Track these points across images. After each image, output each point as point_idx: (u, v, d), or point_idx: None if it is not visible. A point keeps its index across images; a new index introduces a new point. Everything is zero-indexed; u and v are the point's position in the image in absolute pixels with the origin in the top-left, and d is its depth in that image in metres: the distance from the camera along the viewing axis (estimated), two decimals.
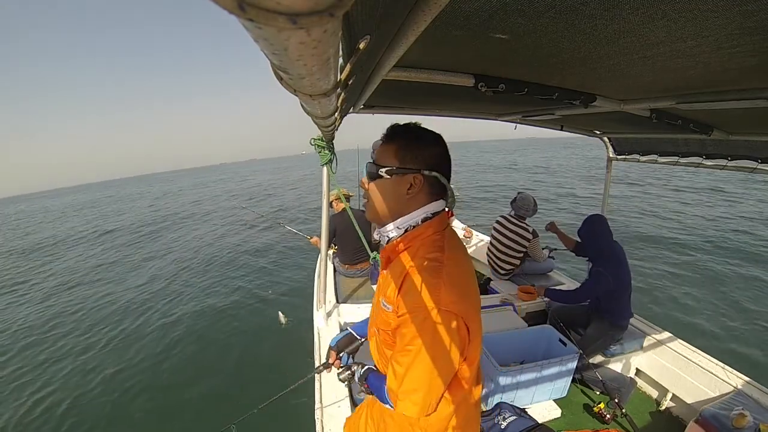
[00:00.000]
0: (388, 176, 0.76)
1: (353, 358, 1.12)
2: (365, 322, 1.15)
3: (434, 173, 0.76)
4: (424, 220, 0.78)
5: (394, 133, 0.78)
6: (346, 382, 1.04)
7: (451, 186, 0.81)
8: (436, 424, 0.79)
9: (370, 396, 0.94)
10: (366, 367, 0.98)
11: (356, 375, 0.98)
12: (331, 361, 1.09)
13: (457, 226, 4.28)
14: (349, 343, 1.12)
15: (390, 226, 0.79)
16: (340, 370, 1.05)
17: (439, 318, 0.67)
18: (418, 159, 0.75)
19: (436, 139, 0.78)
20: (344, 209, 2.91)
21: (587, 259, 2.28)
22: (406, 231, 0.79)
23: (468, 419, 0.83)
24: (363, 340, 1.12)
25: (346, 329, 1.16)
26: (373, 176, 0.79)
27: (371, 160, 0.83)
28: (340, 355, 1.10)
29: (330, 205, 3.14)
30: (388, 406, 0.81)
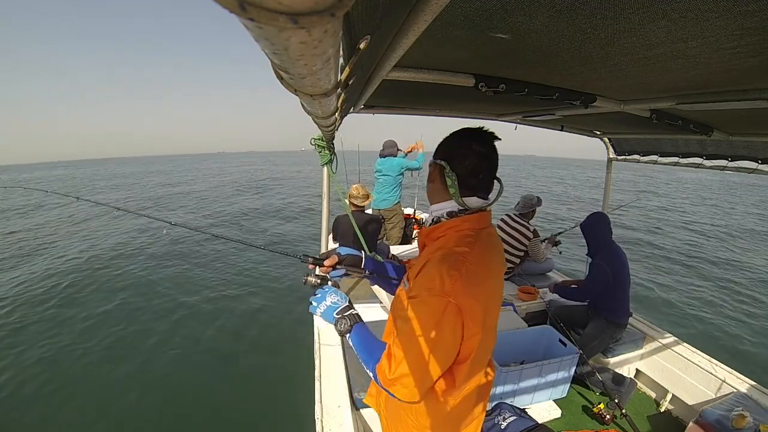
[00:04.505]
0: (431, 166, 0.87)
1: (340, 278, 1.03)
2: (382, 264, 1.09)
3: (440, 162, 0.80)
4: (451, 214, 0.81)
5: None
6: (309, 287, 0.94)
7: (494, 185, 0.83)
8: (428, 413, 0.80)
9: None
10: (356, 312, 0.91)
11: (341, 303, 0.91)
12: (327, 263, 0.99)
13: None
14: (353, 263, 1.02)
15: (430, 209, 0.86)
16: (318, 275, 0.96)
17: (447, 309, 0.68)
18: (439, 151, 0.83)
19: (456, 133, 0.82)
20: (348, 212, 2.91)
21: (587, 254, 2.31)
22: (434, 221, 0.83)
23: (465, 412, 0.84)
24: (366, 272, 1.03)
25: (361, 253, 1.06)
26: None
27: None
28: (338, 267, 1.00)
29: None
30: (369, 371, 0.79)
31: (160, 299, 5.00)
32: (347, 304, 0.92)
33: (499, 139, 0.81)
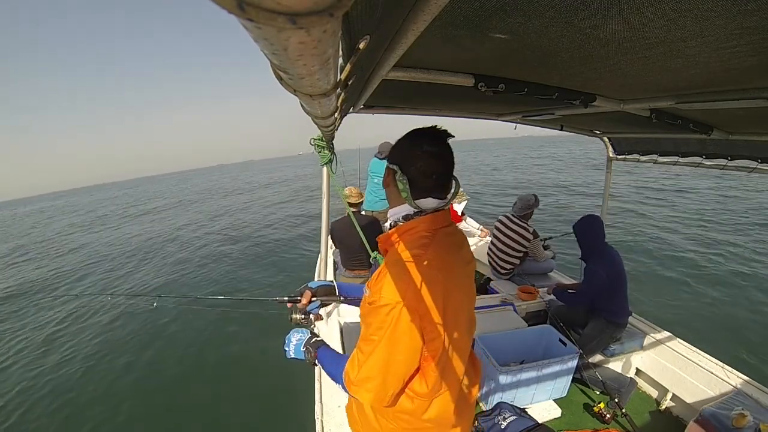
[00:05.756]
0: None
1: (320, 309, 1.10)
2: (354, 286, 1.15)
3: (392, 166, 0.79)
4: (407, 218, 0.80)
5: None
6: (295, 324, 1.03)
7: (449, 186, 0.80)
8: (405, 418, 0.79)
9: None
10: (319, 338, 0.98)
11: (304, 338, 0.98)
12: (303, 300, 1.06)
13: (474, 225, 4.27)
14: (327, 293, 1.10)
15: (388, 214, 0.85)
16: (300, 311, 1.04)
17: (401, 313, 0.68)
18: (391, 155, 0.82)
19: (408, 134, 0.81)
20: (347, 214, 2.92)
21: (580, 257, 2.31)
22: (391, 226, 0.83)
23: (446, 417, 0.83)
24: (341, 298, 1.11)
25: (332, 281, 1.14)
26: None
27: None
28: (313, 299, 1.07)
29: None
30: (338, 385, 0.81)
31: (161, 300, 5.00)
32: (309, 335, 0.99)
33: (453, 136, 0.79)
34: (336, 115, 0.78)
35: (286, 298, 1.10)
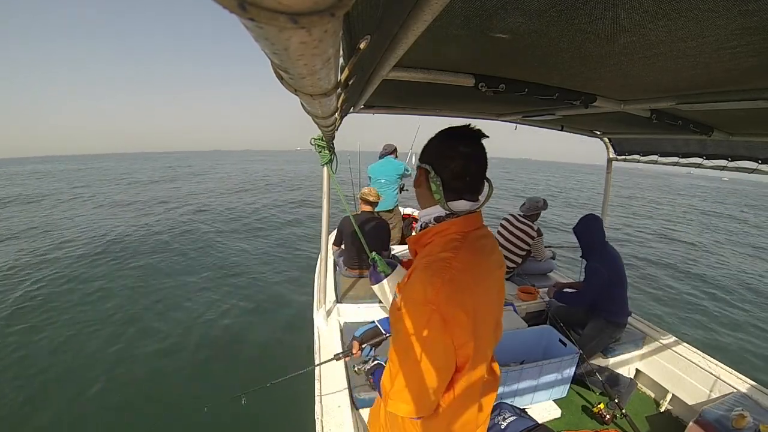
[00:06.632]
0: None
1: (374, 351, 1.12)
2: None
3: (425, 166, 0.77)
4: (438, 219, 0.78)
5: None
6: (362, 375, 1.05)
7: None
8: (428, 425, 0.77)
9: None
10: (376, 362, 0.99)
11: (366, 368, 1.01)
12: (354, 351, 1.09)
13: None
14: (373, 336, 1.11)
15: (419, 215, 0.85)
16: (359, 362, 1.06)
17: (432, 319, 0.66)
18: (423, 154, 0.80)
19: (441, 134, 0.78)
20: (361, 211, 2.92)
21: (581, 256, 2.32)
22: (422, 227, 0.81)
23: (467, 421, 0.82)
24: (388, 335, 1.11)
25: (373, 322, 1.14)
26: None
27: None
28: (363, 346, 1.09)
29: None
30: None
31: (157, 292, 4.99)
32: (369, 366, 1.03)
33: (487, 136, 0.77)
34: (336, 115, 0.78)
35: (340, 355, 1.18)
